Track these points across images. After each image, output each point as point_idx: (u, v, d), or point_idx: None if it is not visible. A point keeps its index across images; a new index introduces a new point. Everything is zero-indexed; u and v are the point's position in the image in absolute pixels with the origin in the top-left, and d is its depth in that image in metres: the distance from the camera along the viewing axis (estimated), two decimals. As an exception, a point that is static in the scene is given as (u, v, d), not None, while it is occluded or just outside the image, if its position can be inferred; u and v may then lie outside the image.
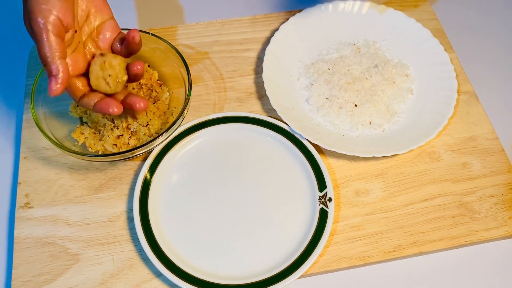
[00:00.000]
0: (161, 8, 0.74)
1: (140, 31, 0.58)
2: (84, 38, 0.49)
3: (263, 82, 0.61)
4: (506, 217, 0.55)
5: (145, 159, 0.57)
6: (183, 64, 0.57)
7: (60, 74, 0.44)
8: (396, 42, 0.67)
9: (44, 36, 0.43)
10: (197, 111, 0.62)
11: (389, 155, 0.57)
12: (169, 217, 0.54)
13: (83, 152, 0.54)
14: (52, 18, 0.43)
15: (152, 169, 0.56)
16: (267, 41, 0.66)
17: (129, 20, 0.72)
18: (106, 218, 0.55)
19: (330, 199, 0.54)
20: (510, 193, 0.57)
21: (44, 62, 0.44)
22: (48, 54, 0.43)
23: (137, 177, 0.56)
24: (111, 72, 0.48)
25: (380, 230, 0.54)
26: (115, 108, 0.47)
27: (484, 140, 0.61)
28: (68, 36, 0.46)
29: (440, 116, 0.60)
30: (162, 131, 0.54)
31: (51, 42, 0.43)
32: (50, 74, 0.44)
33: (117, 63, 0.48)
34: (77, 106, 0.59)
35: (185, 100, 0.55)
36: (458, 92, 0.62)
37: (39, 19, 0.43)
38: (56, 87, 0.43)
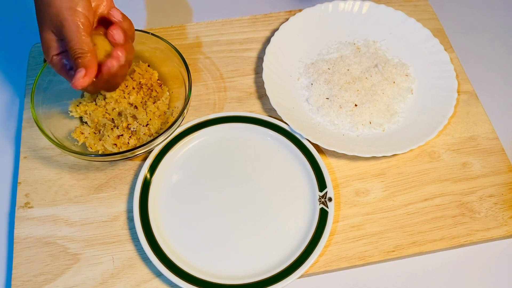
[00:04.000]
0: (161, 8, 0.74)
1: (141, 31, 0.58)
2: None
3: (263, 82, 0.61)
4: (506, 217, 0.55)
5: (145, 159, 0.57)
6: (183, 64, 0.57)
7: (91, 68, 0.45)
8: (396, 42, 0.67)
9: (81, 32, 0.45)
10: (197, 111, 0.62)
11: (389, 155, 0.57)
12: (169, 217, 0.54)
13: (83, 152, 0.54)
14: (82, 16, 0.46)
15: (152, 169, 0.56)
16: (267, 41, 0.66)
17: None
18: (106, 218, 0.55)
19: (330, 199, 0.54)
20: (510, 193, 0.57)
21: (77, 55, 0.45)
22: (83, 49, 0.45)
23: (137, 177, 0.56)
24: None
25: (380, 230, 0.54)
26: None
27: (484, 140, 0.61)
28: None
29: (440, 115, 0.60)
30: (162, 131, 0.54)
31: (85, 39, 0.46)
32: (81, 65, 0.45)
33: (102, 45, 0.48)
34: (77, 105, 0.58)
35: (185, 100, 0.56)
36: (458, 92, 0.62)
37: (72, 18, 0.45)
38: (84, 78, 0.45)
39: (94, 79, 0.47)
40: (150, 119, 0.57)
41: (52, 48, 0.48)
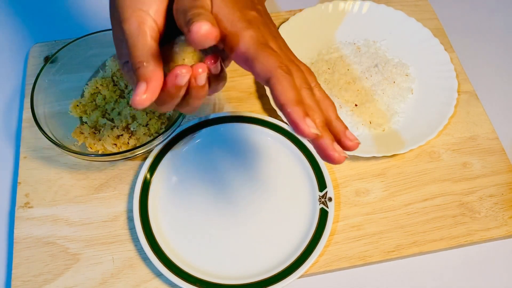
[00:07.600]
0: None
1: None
2: None
3: (263, 82, 0.61)
4: (506, 217, 0.55)
5: (145, 159, 0.57)
6: (183, 64, 0.57)
7: (153, 82, 0.35)
8: (396, 41, 0.67)
9: (140, 39, 0.36)
10: (197, 111, 0.62)
11: (389, 155, 0.57)
12: (169, 217, 0.54)
13: (83, 152, 0.54)
14: (149, 20, 0.37)
15: (152, 169, 0.56)
16: (267, 41, 0.66)
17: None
18: (106, 218, 0.55)
19: (330, 199, 0.54)
20: (510, 193, 0.57)
21: (137, 65, 0.36)
22: (142, 57, 0.36)
23: (137, 177, 0.56)
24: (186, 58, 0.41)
25: (380, 230, 0.54)
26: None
27: (484, 140, 0.61)
28: None
29: (440, 115, 0.60)
30: (162, 131, 0.54)
31: (147, 45, 0.37)
32: (141, 79, 0.35)
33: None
34: (77, 105, 0.58)
35: (185, 100, 0.55)
36: (458, 91, 0.62)
37: (134, 21, 0.37)
38: (144, 96, 0.35)
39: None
40: (150, 119, 0.57)
41: (122, 55, 0.40)
